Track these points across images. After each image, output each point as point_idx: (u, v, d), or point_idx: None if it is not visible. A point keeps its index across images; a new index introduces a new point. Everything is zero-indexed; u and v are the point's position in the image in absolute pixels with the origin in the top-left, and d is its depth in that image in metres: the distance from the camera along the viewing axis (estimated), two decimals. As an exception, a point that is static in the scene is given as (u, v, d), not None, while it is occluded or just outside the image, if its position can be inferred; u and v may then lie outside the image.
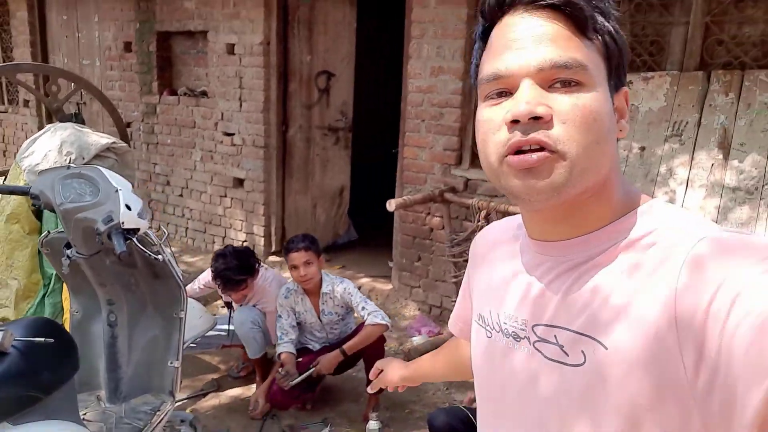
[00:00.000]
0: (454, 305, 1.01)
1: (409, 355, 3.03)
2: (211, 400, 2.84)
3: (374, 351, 2.63)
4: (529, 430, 0.68)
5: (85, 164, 3.36)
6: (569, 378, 0.63)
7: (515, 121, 0.61)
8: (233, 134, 4.78)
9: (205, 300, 3.77)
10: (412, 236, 3.94)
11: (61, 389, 1.54)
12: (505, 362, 0.72)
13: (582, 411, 0.62)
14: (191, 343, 2.40)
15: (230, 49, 4.63)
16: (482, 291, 0.81)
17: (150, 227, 1.93)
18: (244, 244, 4.86)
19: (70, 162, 3.30)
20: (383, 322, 2.58)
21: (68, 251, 1.90)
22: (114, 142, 3.51)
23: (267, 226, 4.76)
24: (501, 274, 0.77)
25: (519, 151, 0.62)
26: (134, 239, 1.78)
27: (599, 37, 0.64)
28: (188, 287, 2.87)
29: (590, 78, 0.62)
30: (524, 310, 0.70)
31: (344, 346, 2.59)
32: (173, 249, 5.41)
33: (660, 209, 0.65)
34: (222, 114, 4.84)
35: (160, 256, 1.85)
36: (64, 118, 3.70)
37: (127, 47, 5.54)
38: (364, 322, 2.62)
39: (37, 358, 1.44)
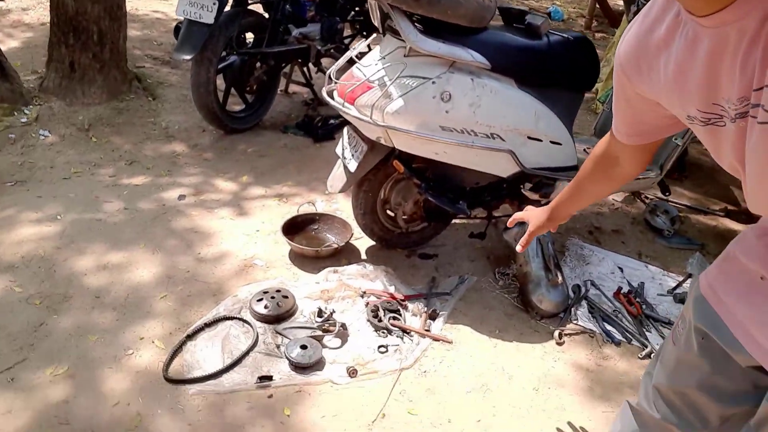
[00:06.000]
0: None
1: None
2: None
3: None
4: (761, 192, 0.73)
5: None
6: None
7: None
8: None
9: None
10: None
11: (575, 94, 1.93)
12: (740, 141, 0.71)
13: None
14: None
15: None
16: (670, 92, 0.77)
17: None
18: None
19: None
20: None
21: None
22: None
23: None
24: (687, 69, 0.72)
25: None
26: None
27: None
28: None
29: None
30: (736, 88, 0.67)
31: None
32: None
33: None
34: None
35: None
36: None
37: None
38: None
39: (556, 52, 1.83)
